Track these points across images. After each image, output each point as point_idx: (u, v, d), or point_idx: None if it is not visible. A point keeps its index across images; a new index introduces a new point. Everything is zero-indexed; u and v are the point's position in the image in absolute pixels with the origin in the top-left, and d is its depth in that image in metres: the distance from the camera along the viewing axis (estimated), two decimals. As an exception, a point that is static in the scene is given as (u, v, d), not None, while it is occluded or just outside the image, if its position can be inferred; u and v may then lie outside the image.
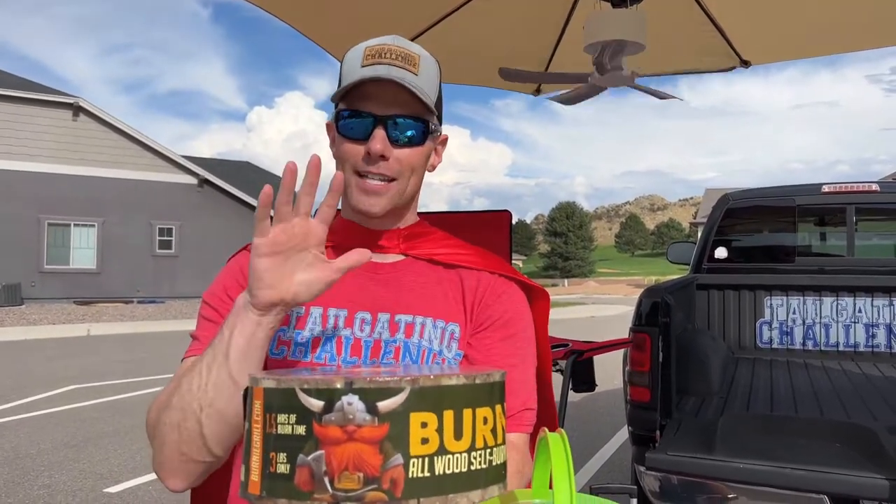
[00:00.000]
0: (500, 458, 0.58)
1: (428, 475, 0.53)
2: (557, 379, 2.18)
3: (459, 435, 0.54)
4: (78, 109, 19.73)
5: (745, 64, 3.42)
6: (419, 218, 1.08)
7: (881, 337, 4.17)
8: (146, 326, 14.33)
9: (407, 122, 0.94)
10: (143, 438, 5.16)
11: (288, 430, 0.54)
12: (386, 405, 0.52)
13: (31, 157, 18.94)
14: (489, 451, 0.57)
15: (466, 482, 0.54)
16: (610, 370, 5.27)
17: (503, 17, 3.17)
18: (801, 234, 5.01)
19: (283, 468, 0.54)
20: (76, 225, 19.86)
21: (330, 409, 0.53)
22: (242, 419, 0.80)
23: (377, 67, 0.92)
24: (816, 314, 4.30)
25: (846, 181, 4.61)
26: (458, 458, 0.54)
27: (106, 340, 12.12)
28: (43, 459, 4.71)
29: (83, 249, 20.02)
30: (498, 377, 0.59)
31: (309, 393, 0.54)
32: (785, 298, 4.35)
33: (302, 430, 0.53)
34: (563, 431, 0.60)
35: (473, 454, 0.55)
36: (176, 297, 20.61)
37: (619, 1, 2.96)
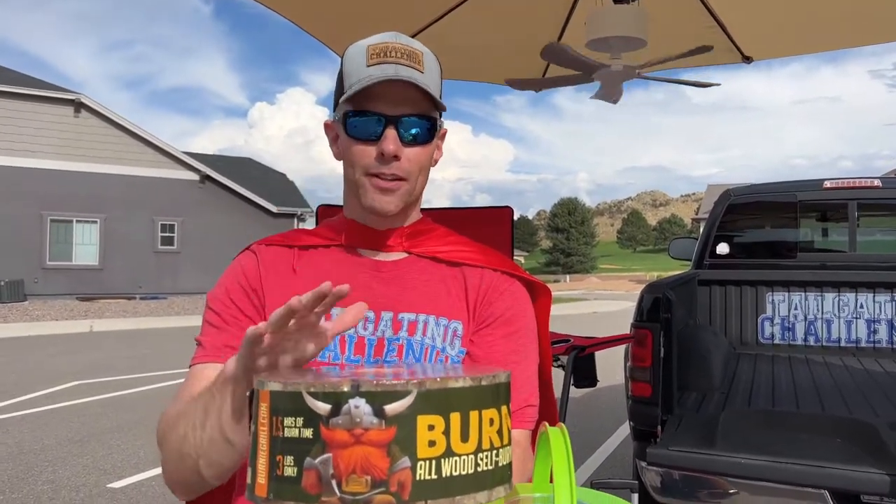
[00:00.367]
0: (505, 458, 0.58)
1: (435, 477, 0.53)
2: (559, 374, 2.19)
3: (466, 437, 0.54)
4: (80, 106, 19.69)
5: (747, 59, 3.41)
6: (422, 215, 1.09)
7: (883, 333, 4.17)
8: (148, 322, 14.33)
9: (416, 120, 0.94)
10: (146, 434, 5.18)
11: (295, 433, 0.54)
12: (393, 408, 0.52)
13: (33, 153, 18.92)
14: (495, 452, 0.57)
15: (473, 484, 0.55)
16: (611, 366, 5.28)
17: (504, 13, 3.16)
18: (802, 229, 5.01)
19: (290, 471, 0.54)
20: (78, 221, 19.85)
21: (337, 412, 0.53)
22: (239, 463, 0.81)
23: (385, 67, 0.91)
24: (818, 310, 4.29)
25: (849, 177, 4.61)
26: (464, 459, 0.54)
27: (108, 336, 12.14)
28: (47, 455, 4.73)
29: (86, 246, 20.02)
30: (503, 378, 0.60)
31: (316, 396, 0.54)
32: (787, 294, 4.35)
33: (309, 433, 0.53)
34: (563, 426, 0.60)
35: (480, 456, 0.55)
36: (178, 293, 20.62)
37: (620, -3, 2.96)
